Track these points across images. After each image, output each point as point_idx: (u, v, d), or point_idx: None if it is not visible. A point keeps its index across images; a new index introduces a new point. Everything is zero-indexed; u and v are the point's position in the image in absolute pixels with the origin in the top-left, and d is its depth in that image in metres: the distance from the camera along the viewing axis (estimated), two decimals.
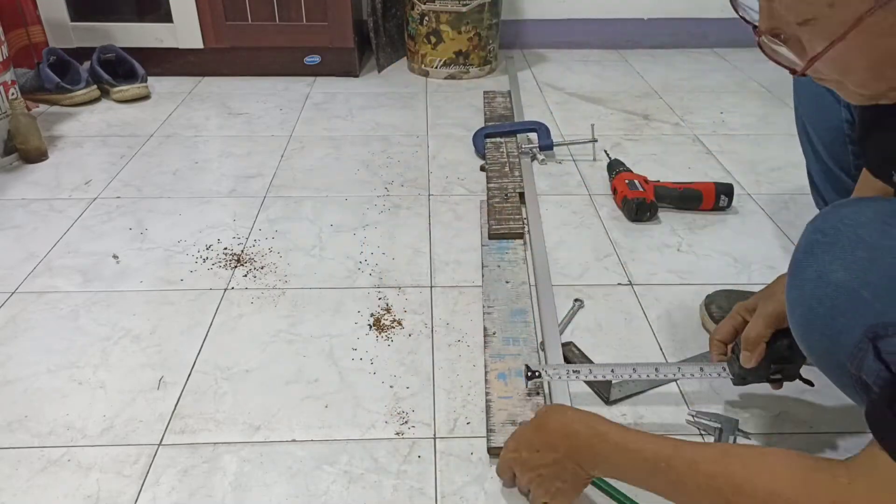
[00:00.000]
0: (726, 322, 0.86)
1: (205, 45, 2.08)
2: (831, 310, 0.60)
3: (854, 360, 0.58)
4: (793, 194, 1.47)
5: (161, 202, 1.44)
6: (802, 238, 0.66)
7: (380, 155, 1.65)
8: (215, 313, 1.10)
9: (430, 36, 2.13)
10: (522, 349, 1.00)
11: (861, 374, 0.58)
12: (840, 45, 0.54)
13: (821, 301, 0.61)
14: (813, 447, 0.86)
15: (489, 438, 0.85)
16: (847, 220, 0.62)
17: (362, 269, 1.22)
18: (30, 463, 0.84)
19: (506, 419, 0.87)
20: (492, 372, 0.96)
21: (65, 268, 1.22)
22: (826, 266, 0.61)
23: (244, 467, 0.83)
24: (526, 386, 0.90)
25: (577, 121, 1.86)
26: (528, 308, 1.09)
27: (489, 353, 0.99)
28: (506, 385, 0.93)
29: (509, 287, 1.14)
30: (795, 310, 0.65)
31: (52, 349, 1.02)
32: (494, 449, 0.84)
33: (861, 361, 0.58)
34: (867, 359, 0.57)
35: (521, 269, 1.18)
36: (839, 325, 0.60)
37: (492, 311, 1.08)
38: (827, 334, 0.61)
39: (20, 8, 1.92)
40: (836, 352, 0.60)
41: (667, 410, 0.92)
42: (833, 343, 0.61)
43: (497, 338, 1.02)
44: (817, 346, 0.64)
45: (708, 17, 2.46)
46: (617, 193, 1.42)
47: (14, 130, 1.56)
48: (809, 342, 0.65)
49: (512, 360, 0.97)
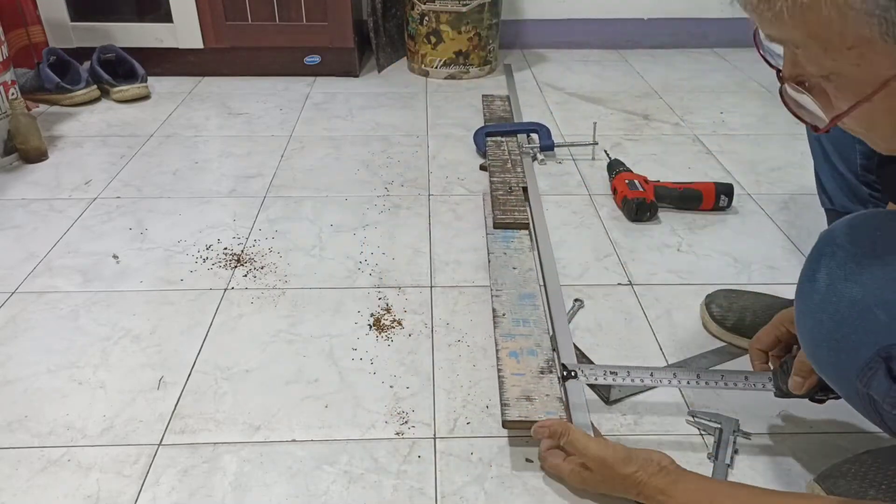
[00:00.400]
0: (769, 331, 0.84)
1: (205, 45, 2.08)
2: (841, 325, 0.60)
3: (864, 376, 0.58)
4: (793, 194, 1.47)
5: (161, 202, 1.44)
6: (816, 248, 0.65)
7: (380, 155, 1.65)
8: (215, 313, 1.10)
9: (430, 36, 2.13)
10: (533, 330, 1.00)
11: (869, 390, 0.58)
12: (866, 105, 0.52)
13: (832, 315, 0.61)
14: (813, 447, 0.86)
15: (504, 412, 0.86)
16: (864, 235, 0.61)
17: (362, 269, 1.22)
18: (30, 463, 0.84)
19: (520, 394, 0.88)
20: (503, 350, 0.96)
21: (65, 268, 1.22)
22: (839, 280, 0.60)
23: (244, 467, 0.83)
24: (561, 384, 0.89)
25: (577, 121, 1.86)
26: (536, 293, 1.09)
27: (499, 333, 1.00)
28: (518, 363, 0.94)
29: (516, 273, 1.14)
30: (805, 320, 0.64)
31: (52, 349, 1.02)
32: (509, 423, 0.84)
33: (871, 379, 0.57)
34: (877, 377, 0.57)
35: (527, 258, 1.19)
36: (850, 341, 0.59)
37: (500, 295, 1.09)
38: (835, 348, 0.61)
39: (20, 8, 1.92)
40: (844, 366, 0.60)
41: (667, 411, 0.92)
42: (841, 357, 0.60)
43: (507, 319, 1.03)
44: (824, 358, 0.64)
45: (708, 17, 2.46)
46: (617, 193, 1.42)
47: (14, 130, 1.56)
48: (816, 353, 0.65)
49: (523, 340, 0.98)
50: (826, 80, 0.53)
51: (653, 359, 1.01)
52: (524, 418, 0.84)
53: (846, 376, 0.60)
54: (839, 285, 0.60)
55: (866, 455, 0.79)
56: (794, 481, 0.82)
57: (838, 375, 0.63)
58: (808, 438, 0.88)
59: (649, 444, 0.86)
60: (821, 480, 0.76)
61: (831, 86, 0.53)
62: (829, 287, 0.61)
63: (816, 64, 0.53)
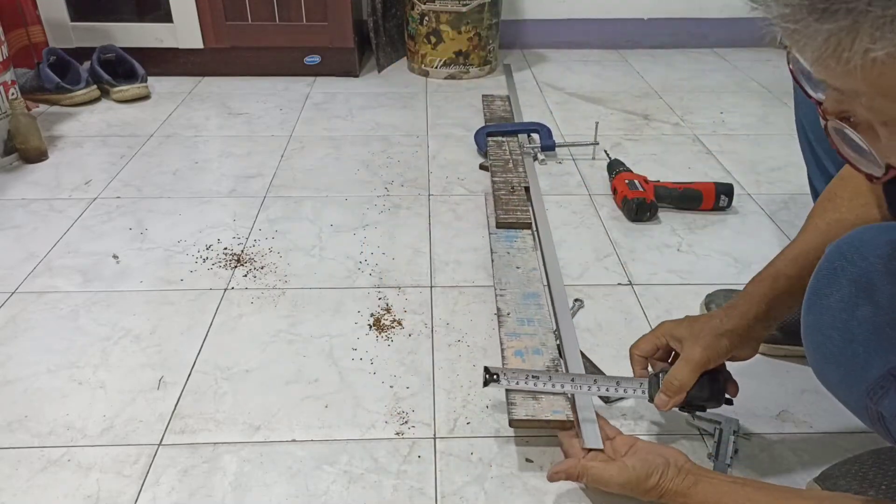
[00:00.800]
0: (649, 339, 0.85)
1: (205, 45, 2.08)
2: (851, 343, 0.59)
3: (874, 394, 0.58)
4: (793, 194, 1.47)
5: (161, 202, 1.44)
6: (825, 261, 0.64)
7: (380, 155, 1.65)
8: (215, 313, 1.10)
9: (430, 36, 2.13)
10: (538, 329, 1.00)
11: (880, 408, 0.58)
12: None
13: (842, 332, 0.60)
14: (813, 447, 0.86)
15: (510, 411, 0.85)
16: (875, 251, 0.60)
17: (362, 269, 1.22)
18: (30, 463, 0.84)
19: (526, 393, 0.88)
20: (508, 349, 0.96)
21: (65, 268, 1.22)
22: (850, 297, 0.60)
23: (244, 467, 0.83)
24: (483, 385, 0.87)
25: (577, 121, 1.86)
26: (539, 292, 1.09)
27: (504, 332, 1.00)
28: (523, 361, 0.94)
29: (520, 272, 1.14)
30: (814, 336, 0.64)
31: (52, 349, 1.02)
32: (516, 421, 0.84)
33: (882, 397, 0.57)
34: (889, 395, 0.56)
35: (530, 257, 1.19)
36: (860, 359, 0.59)
37: (504, 294, 1.09)
38: (844, 365, 0.61)
39: (20, 8, 1.92)
40: (853, 383, 0.60)
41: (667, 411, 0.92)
42: (850, 375, 0.60)
43: (511, 318, 1.03)
44: (832, 374, 0.63)
45: (708, 17, 2.46)
46: (617, 193, 1.42)
47: (14, 130, 1.56)
48: (824, 370, 0.64)
49: (528, 339, 0.98)
50: (883, 125, 0.49)
51: None
52: (531, 417, 0.84)
53: (855, 393, 0.60)
54: (850, 302, 0.60)
55: (867, 455, 0.79)
56: (794, 481, 0.82)
57: (847, 391, 0.63)
58: (808, 438, 0.88)
59: None
60: (821, 481, 0.76)
61: (885, 130, 0.49)
62: (840, 304, 0.61)
63: (876, 111, 0.49)
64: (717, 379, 0.81)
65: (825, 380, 0.66)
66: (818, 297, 0.63)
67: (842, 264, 0.62)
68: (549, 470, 0.78)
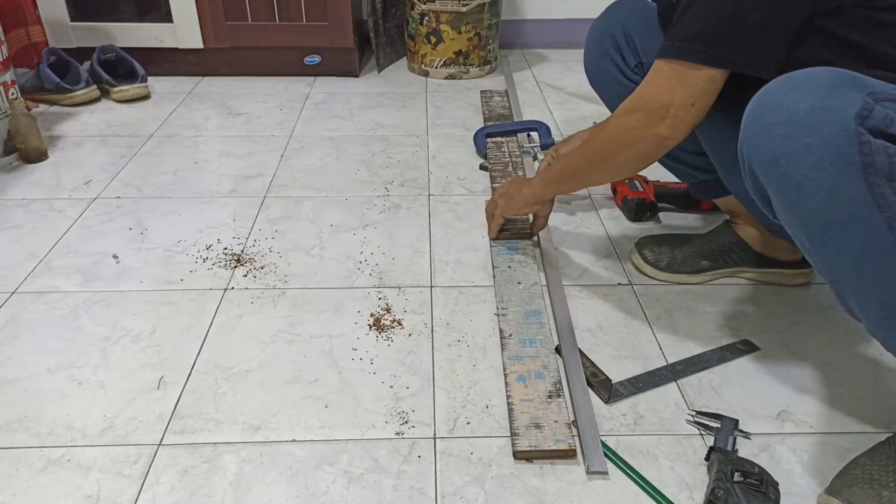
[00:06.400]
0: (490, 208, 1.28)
1: (205, 45, 2.08)
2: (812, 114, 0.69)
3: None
4: None
5: (161, 202, 1.44)
6: (752, 105, 0.75)
7: (380, 155, 1.65)
8: (215, 313, 1.10)
9: (430, 36, 2.13)
10: (539, 350, 1.00)
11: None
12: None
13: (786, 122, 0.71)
14: (814, 447, 0.86)
15: (514, 442, 0.85)
16: (795, 78, 0.72)
17: (362, 269, 1.22)
18: (30, 463, 0.84)
19: (529, 422, 0.87)
20: (511, 375, 0.96)
21: (65, 268, 1.22)
22: (789, 102, 0.71)
23: (244, 467, 0.83)
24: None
25: (577, 121, 1.86)
26: (541, 309, 1.09)
27: (507, 356, 0.99)
28: (525, 387, 0.93)
29: (521, 288, 1.14)
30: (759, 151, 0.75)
31: (52, 349, 1.02)
32: (520, 453, 0.84)
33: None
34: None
35: (532, 270, 1.18)
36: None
37: (506, 314, 1.08)
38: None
39: (20, 8, 1.92)
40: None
41: (667, 411, 0.92)
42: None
43: (513, 340, 1.02)
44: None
45: None
46: (617, 193, 1.42)
47: (14, 130, 1.56)
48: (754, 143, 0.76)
49: (530, 362, 0.97)
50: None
51: (653, 359, 1.01)
52: (534, 448, 0.84)
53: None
54: (790, 105, 0.71)
55: (863, 457, 0.79)
56: (794, 482, 0.82)
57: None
58: (808, 438, 0.88)
59: (649, 444, 0.87)
60: (835, 494, 0.76)
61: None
62: (783, 109, 0.72)
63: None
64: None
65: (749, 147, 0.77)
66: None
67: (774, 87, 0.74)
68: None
